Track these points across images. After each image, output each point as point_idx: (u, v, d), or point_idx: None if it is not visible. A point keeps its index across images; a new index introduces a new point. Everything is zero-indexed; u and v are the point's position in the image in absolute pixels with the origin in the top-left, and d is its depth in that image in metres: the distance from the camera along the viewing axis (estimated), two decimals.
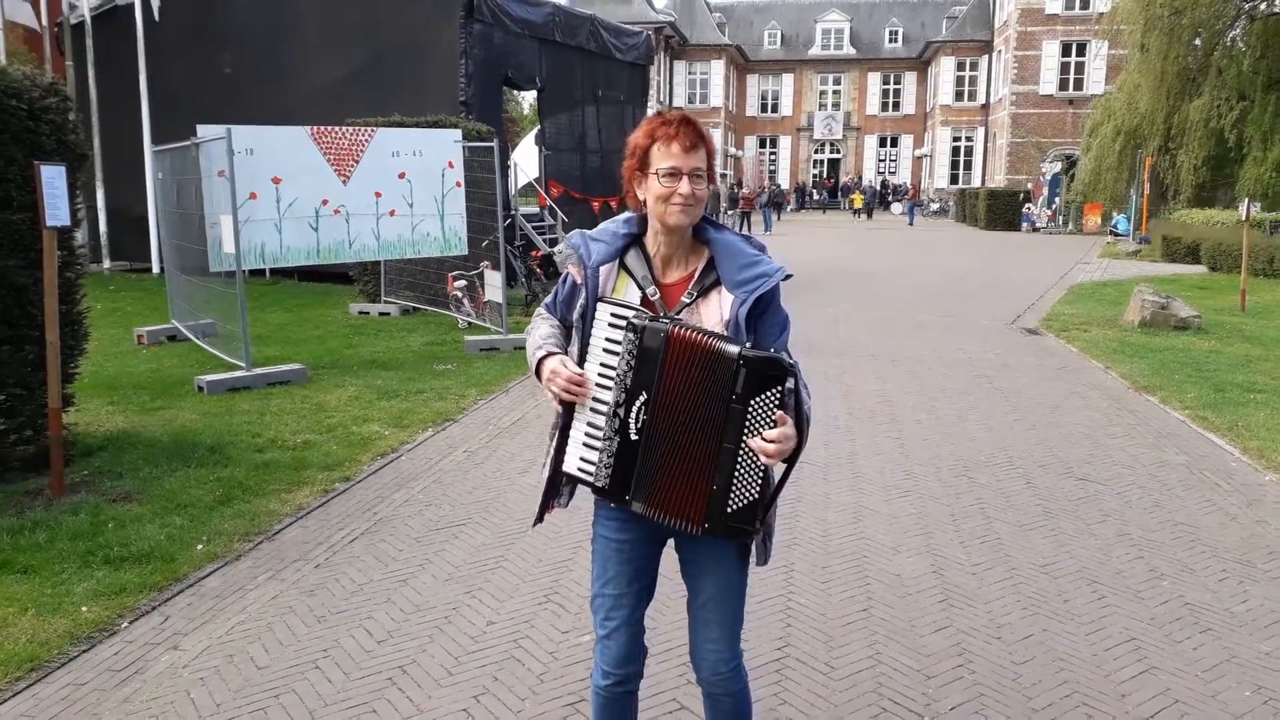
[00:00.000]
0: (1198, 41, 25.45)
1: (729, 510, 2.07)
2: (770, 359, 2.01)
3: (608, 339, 2.12)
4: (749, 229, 32.04)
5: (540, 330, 2.30)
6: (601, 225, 2.30)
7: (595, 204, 16.45)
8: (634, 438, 2.10)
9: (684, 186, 2.10)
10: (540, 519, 2.36)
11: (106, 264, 16.25)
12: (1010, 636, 3.64)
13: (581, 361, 2.18)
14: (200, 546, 4.35)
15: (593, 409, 2.15)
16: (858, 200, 43.47)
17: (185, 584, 4.01)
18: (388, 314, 11.67)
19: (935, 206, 46.89)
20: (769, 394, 2.00)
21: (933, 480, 5.54)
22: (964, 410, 7.25)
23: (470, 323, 10.65)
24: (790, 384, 2.02)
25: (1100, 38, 32.01)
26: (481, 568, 4.20)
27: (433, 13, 13.76)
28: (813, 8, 53.93)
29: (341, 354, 9.10)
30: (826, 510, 5.00)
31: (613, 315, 2.13)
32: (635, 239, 2.25)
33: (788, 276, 2.18)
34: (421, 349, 9.46)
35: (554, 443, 2.26)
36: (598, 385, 2.14)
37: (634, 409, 2.09)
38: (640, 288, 2.20)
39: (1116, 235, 28.72)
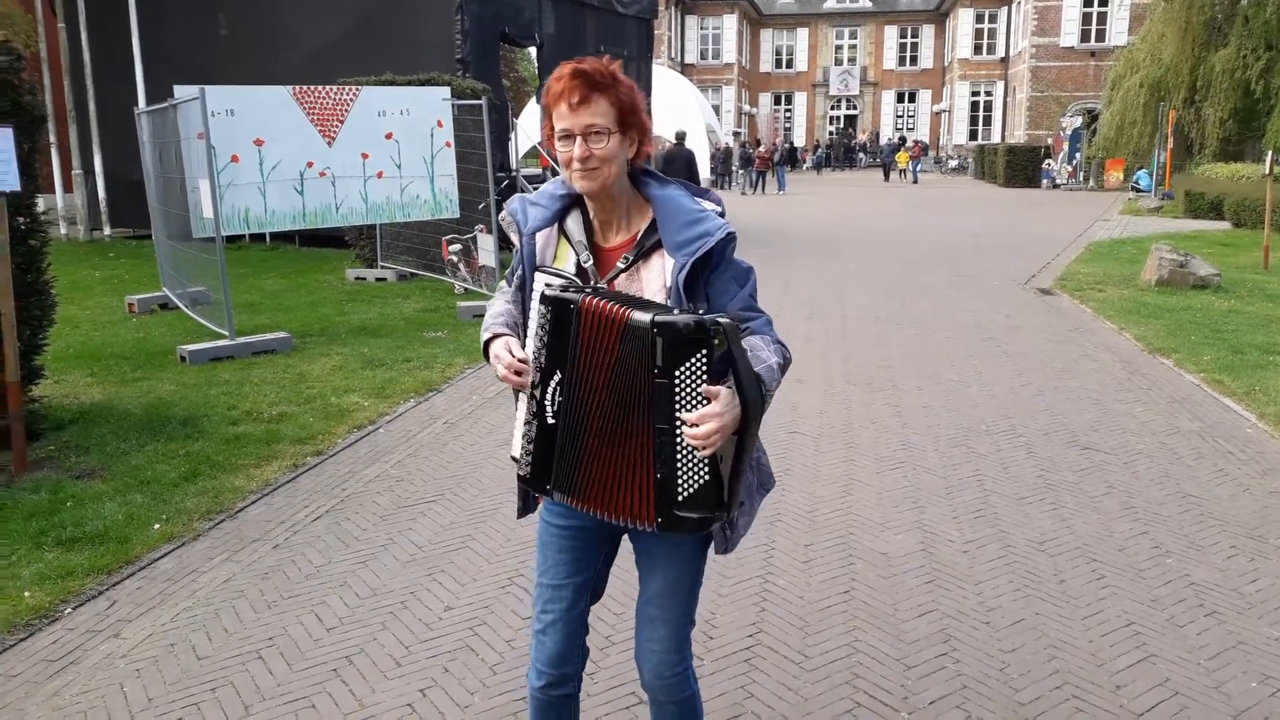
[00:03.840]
0: None
1: (679, 498, 1.79)
2: (687, 321, 1.71)
3: (539, 312, 1.89)
4: (764, 188, 31.58)
5: (495, 307, 2.09)
6: (542, 187, 2.07)
7: None
8: (551, 421, 1.88)
9: (577, 149, 1.86)
10: (530, 509, 2.17)
11: (107, 230, 16.07)
12: (999, 621, 3.42)
13: (524, 340, 1.97)
14: (157, 526, 4.18)
15: (530, 393, 1.93)
16: (903, 159, 39.31)
17: (137, 566, 3.85)
18: (384, 279, 11.45)
19: (954, 163, 45.97)
20: (694, 361, 1.72)
21: (930, 451, 5.29)
22: (968, 376, 6.98)
23: (467, 288, 10.42)
24: (718, 345, 1.73)
25: None
26: (446, 548, 4.00)
27: None
28: None
29: (332, 321, 8.90)
30: (815, 483, 4.78)
31: (545, 286, 1.90)
32: (577, 200, 2.01)
33: (730, 234, 1.91)
34: (414, 315, 9.25)
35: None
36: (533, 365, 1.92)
37: (549, 390, 1.87)
38: (576, 254, 1.98)
39: (1139, 191, 28.02)
